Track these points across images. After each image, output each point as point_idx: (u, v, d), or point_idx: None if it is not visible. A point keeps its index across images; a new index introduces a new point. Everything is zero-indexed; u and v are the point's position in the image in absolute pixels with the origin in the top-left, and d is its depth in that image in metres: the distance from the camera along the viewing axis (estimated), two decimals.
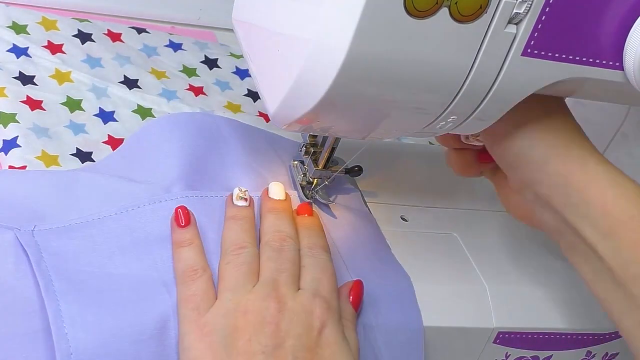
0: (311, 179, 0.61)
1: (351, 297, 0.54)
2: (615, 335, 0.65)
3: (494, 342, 0.61)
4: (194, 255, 0.52)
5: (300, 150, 0.61)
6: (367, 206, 0.64)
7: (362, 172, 0.63)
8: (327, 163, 0.61)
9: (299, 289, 0.52)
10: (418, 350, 0.56)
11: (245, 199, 0.56)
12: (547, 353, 0.64)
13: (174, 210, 0.53)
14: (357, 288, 0.55)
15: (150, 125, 0.63)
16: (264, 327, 0.49)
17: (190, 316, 0.49)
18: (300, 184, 0.61)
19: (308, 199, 0.60)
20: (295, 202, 0.59)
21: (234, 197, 0.56)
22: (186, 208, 0.54)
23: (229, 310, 0.50)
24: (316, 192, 0.60)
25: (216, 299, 0.51)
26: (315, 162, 0.60)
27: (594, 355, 0.66)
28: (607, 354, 0.66)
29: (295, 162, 0.62)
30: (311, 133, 0.59)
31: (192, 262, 0.52)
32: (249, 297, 0.50)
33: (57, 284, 0.49)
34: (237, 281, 0.51)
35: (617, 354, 0.67)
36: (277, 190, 0.57)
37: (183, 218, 0.53)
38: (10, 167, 0.66)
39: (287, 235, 0.55)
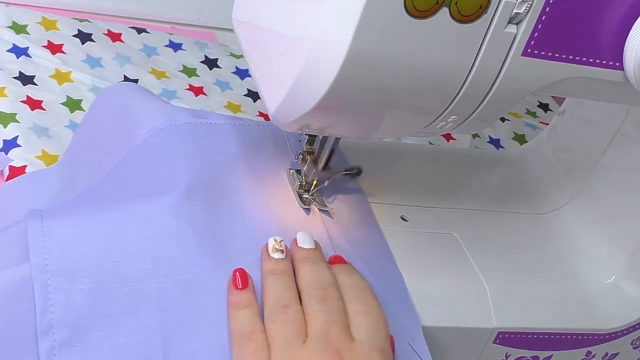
0: (309, 181, 0.61)
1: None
2: (615, 335, 0.65)
3: (494, 342, 0.61)
4: (252, 318, 0.51)
5: (297, 159, 0.61)
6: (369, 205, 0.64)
7: (361, 173, 0.62)
8: (327, 165, 0.60)
9: (353, 339, 0.51)
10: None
11: (282, 251, 0.54)
12: (547, 353, 0.64)
13: (232, 272, 0.52)
14: (392, 343, 0.54)
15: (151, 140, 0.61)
16: None
17: None
18: (297, 192, 0.60)
19: (306, 205, 0.60)
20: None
21: (270, 249, 0.54)
22: (244, 270, 0.53)
23: None
24: (313, 199, 0.60)
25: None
26: (315, 162, 0.60)
27: (594, 355, 0.66)
28: (607, 354, 0.66)
29: (292, 171, 0.62)
30: (311, 133, 0.59)
31: (250, 325, 0.51)
32: (303, 354, 0.49)
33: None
34: (287, 340, 0.49)
35: (617, 354, 0.67)
36: (306, 239, 0.56)
37: (240, 281, 0.52)
38: (11, 167, 0.66)
39: (328, 283, 0.53)
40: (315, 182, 0.61)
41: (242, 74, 0.86)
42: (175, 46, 0.86)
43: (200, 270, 0.53)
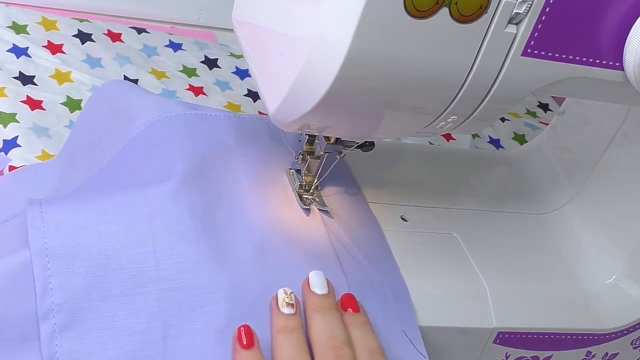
0: (308, 182, 0.61)
1: None
2: (615, 335, 0.65)
3: (494, 342, 0.61)
4: None
5: (297, 159, 0.61)
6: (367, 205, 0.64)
7: (374, 146, 0.61)
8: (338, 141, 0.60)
9: None
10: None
11: (292, 305, 0.52)
12: (547, 353, 0.64)
13: (236, 330, 0.51)
14: None
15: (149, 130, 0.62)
16: None
17: None
18: (297, 192, 0.60)
19: (306, 205, 0.60)
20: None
21: (280, 303, 0.52)
22: (249, 328, 0.51)
23: None
24: (314, 199, 0.60)
25: None
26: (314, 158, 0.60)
27: (594, 355, 0.66)
28: (607, 354, 0.66)
29: (292, 170, 0.62)
30: (311, 133, 0.59)
31: None
32: None
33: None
34: None
35: (617, 354, 0.67)
36: (320, 283, 0.54)
37: (246, 338, 0.50)
38: (11, 167, 0.66)
39: (341, 342, 0.51)
40: (315, 182, 0.61)
41: (242, 74, 0.86)
42: (175, 46, 0.86)
43: (197, 254, 0.53)
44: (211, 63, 0.86)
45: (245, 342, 0.50)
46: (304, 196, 0.60)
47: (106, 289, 0.51)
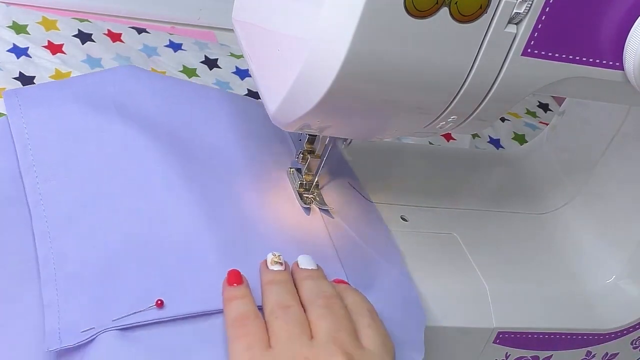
0: (308, 181, 0.61)
1: None
2: (615, 334, 0.65)
3: (494, 342, 0.61)
4: (248, 305, 0.50)
5: (297, 158, 0.61)
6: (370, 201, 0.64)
7: None
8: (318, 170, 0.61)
9: (363, 347, 0.49)
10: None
11: (281, 263, 0.53)
12: (547, 353, 0.64)
13: (226, 273, 0.52)
14: None
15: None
16: None
17: (244, 355, 0.47)
18: (298, 191, 0.60)
19: (306, 204, 0.60)
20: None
21: (269, 262, 0.53)
22: (238, 272, 0.52)
23: (288, 359, 0.47)
24: (314, 199, 0.60)
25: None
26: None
27: (594, 355, 0.66)
28: (607, 354, 0.66)
29: (292, 169, 0.62)
30: (311, 133, 0.59)
31: (245, 310, 0.50)
32: (310, 351, 0.47)
33: None
34: (291, 334, 0.48)
35: (617, 354, 0.67)
36: (308, 262, 0.54)
37: (235, 279, 0.51)
38: None
39: (331, 294, 0.51)
40: (316, 182, 0.61)
41: (242, 74, 0.86)
42: (175, 46, 0.86)
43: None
44: (211, 63, 0.86)
45: (234, 283, 0.51)
46: (305, 195, 0.60)
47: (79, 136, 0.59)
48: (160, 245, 0.53)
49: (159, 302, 0.49)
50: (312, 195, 0.60)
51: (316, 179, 0.61)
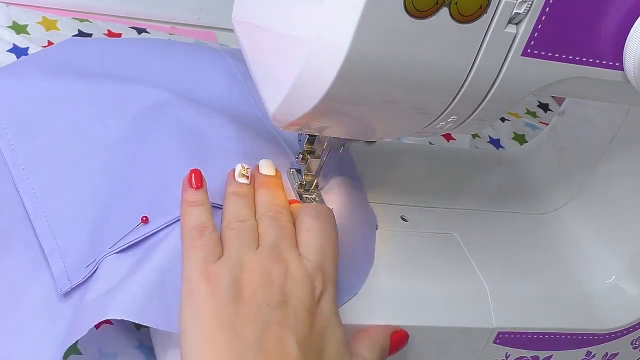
0: (308, 182, 0.61)
1: None
2: (615, 335, 0.65)
3: (494, 342, 0.61)
4: (205, 215, 0.54)
5: (297, 158, 0.61)
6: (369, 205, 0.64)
7: (376, 141, 0.63)
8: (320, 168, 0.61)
9: (300, 255, 0.54)
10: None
11: (247, 177, 0.57)
12: (547, 353, 0.64)
13: (188, 172, 0.55)
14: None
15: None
16: (270, 285, 0.51)
17: (198, 264, 0.51)
18: (297, 191, 0.61)
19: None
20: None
21: (236, 174, 0.57)
22: (200, 172, 0.55)
23: (236, 264, 0.51)
24: (314, 200, 0.60)
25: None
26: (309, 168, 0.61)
27: (594, 356, 0.66)
28: (607, 354, 0.66)
29: (292, 170, 0.62)
30: (311, 133, 0.59)
31: (202, 220, 0.53)
32: (254, 257, 0.52)
33: None
34: (242, 242, 0.53)
35: (617, 354, 0.67)
36: (268, 166, 0.59)
37: (195, 180, 0.55)
38: None
39: (281, 206, 0.56)
40: (316, 182, 0.61)
41: None
42: None
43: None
44: None
45: (195, 185, 0.55)
46: (304, 195, 0.60)
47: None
48: (140, 174, 0.58)
49: (144, 218, 0.55)
50: (312, 196, 0.60)
51: (316, 180, 0.61)
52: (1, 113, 0.61)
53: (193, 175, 0.55)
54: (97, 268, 0.54)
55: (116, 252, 0.54)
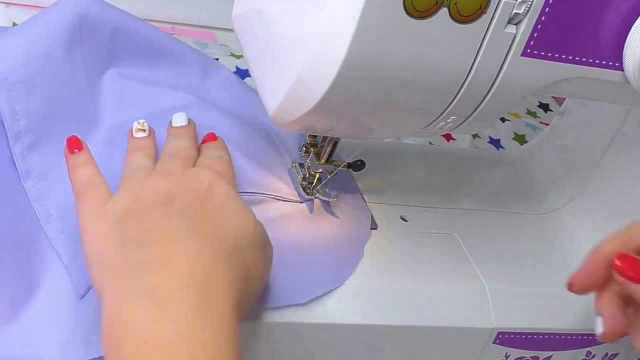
0: (313, 172, 0.61)
1: None
2: None
3: (494, 342, 0.61)
4: (90, 171, 0.53)
5: (300, 151, 0.61)
6: (365, 204, 0.63)
7: (364, 166, 0.62)
8: (330, 158, 0.60)
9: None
10: None
11: (144, 130, 0.57)
12: (547, 353, 0.64)
13: (66, 140, 0.55)
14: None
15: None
16: (157, 195, 0.49)
17: (87, 211, 0.50)
18: (300, 184, 0.61)
19: (309, 197, 0.60)
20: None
21: (133, 130, 0.57)
22: (75, 136, 0.55)
23: (125, 198, 0.50)
24: (317, 191, 0.60)
25: None
26: (318, 156, 0.60)
27: (594, 356, 0.66)
28: (607, 354, 0.66)
29: (294, 163, 0.62)
30: (311, 133, 0.59)
31: (89, 176, 0.53)
32: (143, 181, 0.51)
33: None
34: (135, 175, 0.52)
35: (617, 354, 0.67)
36: (180, 118, 0.58)
37: (75, 146, 0.54)
38: None
39: (186, 148, 0.55)
40: (317, 176, 0.61)
41: (242, 74, 0.86)
42: None
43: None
44: None
45: (76, 149, 0.54)
46: (307, 189, 0.60)
47: (60, 111, 0.58)
48: None
49: None
50: (314, 189, 0.60)
51: (318, 173, 0.61)
52: (23, 115, 0.58)
53: (71, 142, 0.54)
54: None
55: None
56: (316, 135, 0.60)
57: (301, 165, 0.61)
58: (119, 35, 0.64)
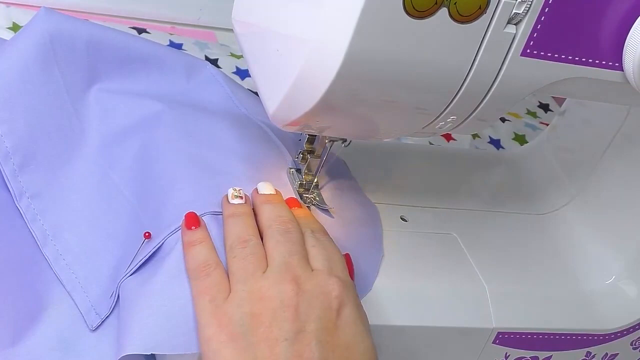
0: (308, 181, 0.61)
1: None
2: (615, 335, 0.65)
3: (494, 342, 0.61)
4: (206, 251, 0.52)
5: (297, 158, 0.61)
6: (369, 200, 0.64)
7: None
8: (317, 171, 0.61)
9: (312, 269, 0.52)
10: None
11: (241, 197, 0.56)
12: (547, 353, 0.64)
13: (184, 217, 0.54)
14: (349, 262, 0.56)
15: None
16: (283, 311, 0.48)
17: (208, 308, 0.49)
18: (297, 191, 0.60)
19: (306, 204, 0.60)
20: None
21: (230, 197, 0.56)
22: (192, 213, 0.54)
23: (244, 299, 0.49)
24: (314, 199, 0.60)
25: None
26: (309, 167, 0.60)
27: (593, 356, 0.66)
28: (607, 354, 0.66)
29: (292, 170, 0.62)
30: (310, 133, 0.59)
31: (205, 258, 0.52)
32: (262, 283, 0.50)
33: None
34: (246, 271, 0.50)
35: (617, 354, 0.67)
36: (267, 187, 0.57)
37: (192, 222, 0.54)
38: None
39: (289, 219, 0.54)
40: (316, 182, 0.61)
41: (242, 74, 0.86)
42: (176, 46, 0.86)
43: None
44: (211, 63, 0.86)
45: (192, 226, 0.54)
46: (305, 195, 0.60)
47: (45, 127, 0.59)
48: (142, 191, 0.58)
49: (146, 234, 0.54)
50: (312, 196, 0.60)
51: (316, 179, 0.61)
52: (8, 136, 0.58)
53: (189, 218, 0.54)
54: (118, 294, 0.54)
55: (129, 275, 0.54)
56: (314, 142, 0.60)
57: (298, 171, 0.61)
58: (95, 49, 0.64)
